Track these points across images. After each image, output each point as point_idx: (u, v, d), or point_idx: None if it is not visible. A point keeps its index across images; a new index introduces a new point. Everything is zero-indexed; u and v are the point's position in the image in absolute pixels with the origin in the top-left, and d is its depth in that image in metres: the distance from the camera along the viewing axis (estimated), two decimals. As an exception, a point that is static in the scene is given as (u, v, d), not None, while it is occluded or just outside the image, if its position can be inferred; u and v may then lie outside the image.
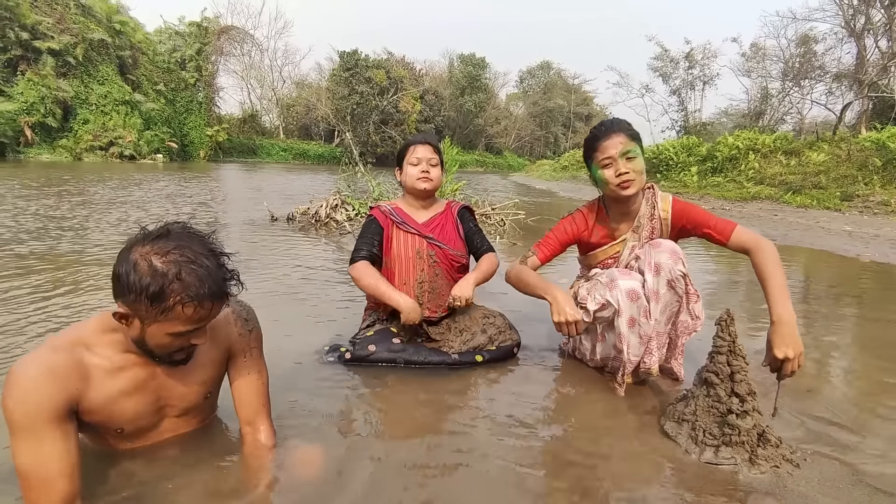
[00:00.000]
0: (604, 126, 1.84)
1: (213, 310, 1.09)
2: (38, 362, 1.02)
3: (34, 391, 0.99)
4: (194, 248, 1.06)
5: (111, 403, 1.12)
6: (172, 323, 1.05)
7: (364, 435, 1.49)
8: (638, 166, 1.78)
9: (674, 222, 1.88)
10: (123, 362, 1.14)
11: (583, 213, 2.01)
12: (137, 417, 1.20)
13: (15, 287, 2.81)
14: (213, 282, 1.06)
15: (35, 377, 1.00)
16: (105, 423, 1.15)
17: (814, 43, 21.51)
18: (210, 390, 1.32)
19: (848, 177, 10.52)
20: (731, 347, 1.40)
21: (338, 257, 4.24)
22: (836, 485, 1.29)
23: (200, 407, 1.33)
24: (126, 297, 1.03)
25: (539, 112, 54.02)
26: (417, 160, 2.10)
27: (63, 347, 1.07)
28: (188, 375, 1.24)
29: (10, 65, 20.27)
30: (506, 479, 1.29)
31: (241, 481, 1.24)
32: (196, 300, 1.03)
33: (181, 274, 1.02)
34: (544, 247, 1.99)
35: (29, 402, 0.98)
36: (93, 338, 1.12)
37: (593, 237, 1.97)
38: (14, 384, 0.99)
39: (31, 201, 6.56)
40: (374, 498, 1.19)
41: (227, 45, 34.13)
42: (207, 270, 1.05)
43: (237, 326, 1.31)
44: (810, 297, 3.54)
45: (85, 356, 1.09)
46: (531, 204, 10.33)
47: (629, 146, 1.77)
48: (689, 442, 1.43)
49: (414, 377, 1.89)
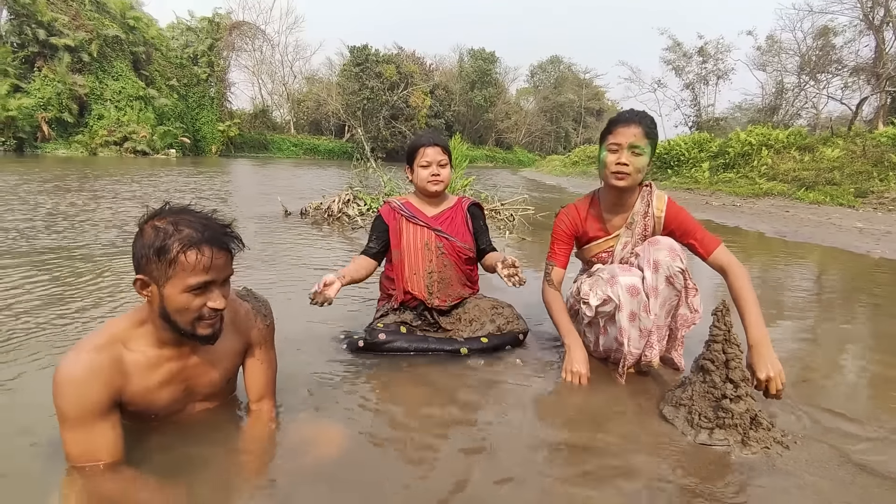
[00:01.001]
0: (626, 114, 1.89)
1: (215, 258, 1.16)
2: (83, 364, 1.12)
3: (82, 391, 1.10)
4: (192, 213, 1.20)
5: (148, 394, 1.24)
6: (180, 277, 1.13)
7: (376, 419, 1.59)
8: (639, 163, 1.84)
9: (666, 223, 1.96)
10: (158, 357, 1.25)
11: (574, 205, 2.09)
12: (170, 405, 1.32)
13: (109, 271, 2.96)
14: (210, 230, 1.16)
15: (82, 379, 1.11)
16: (143, 412, 1.27)
17: (833, 35, 21.10)
18: (230, 377, 1.46)
19: (863, 173, 10.41)
20: (726, 336, 1.48)
21: (350, 251, 4.35)
22: (823, 465, 1.37)
23: (222, 390, 1.46)
24: (140, 265, 1.15)
25: (549, 107, 53.75)
26: (427, 163, 2.18)
27: (104, 347, 1.17)
28: (214, 365, 1.36)
29: (28, 61, 20.66)
30: (511, 460, 1.38)
31: (245, 445, 1.37)
32: (195, 245, 1.12)
33: (179, 226, 1.14)
34: (556, 254, 2.08)
35: (78, 401, 1.10)
36: (127, 333, 1.22)
37: (588, 230, 2.05)
38: (63, 384, 1.10)
39: (64, 198, 6.77)
40: (385, 478, 1.29)
41: (239, 40, 34.39)
42: (203, 222, 1.17)
43: (257, 321, 1.46)
44: (815, 294, 3.59)
45: (123, 353, 1.20)
46: (541, 199, 10.38)
47: (640, 142, 1.83)
48: (685, 425, 1.51)
49: (425, 365, 1.98)
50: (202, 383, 1.36)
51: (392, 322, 2.14)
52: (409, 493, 1.22)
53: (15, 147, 19.31)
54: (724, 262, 1.84)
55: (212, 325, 1.22)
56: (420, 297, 2.20)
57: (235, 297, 1.44)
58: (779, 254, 5.16)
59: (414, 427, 1.53)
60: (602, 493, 1.24)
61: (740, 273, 1.79)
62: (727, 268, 1.82)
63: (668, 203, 1.96)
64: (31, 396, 1.57)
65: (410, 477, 1.28)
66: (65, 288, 2.77)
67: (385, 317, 2.21)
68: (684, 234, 1.93)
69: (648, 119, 1.88)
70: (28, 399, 1.57)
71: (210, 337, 1.24)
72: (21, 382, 1.67)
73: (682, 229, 1.93)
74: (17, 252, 3.54)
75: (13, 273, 3.00)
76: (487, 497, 1.22)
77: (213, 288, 1.18)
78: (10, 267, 3.13)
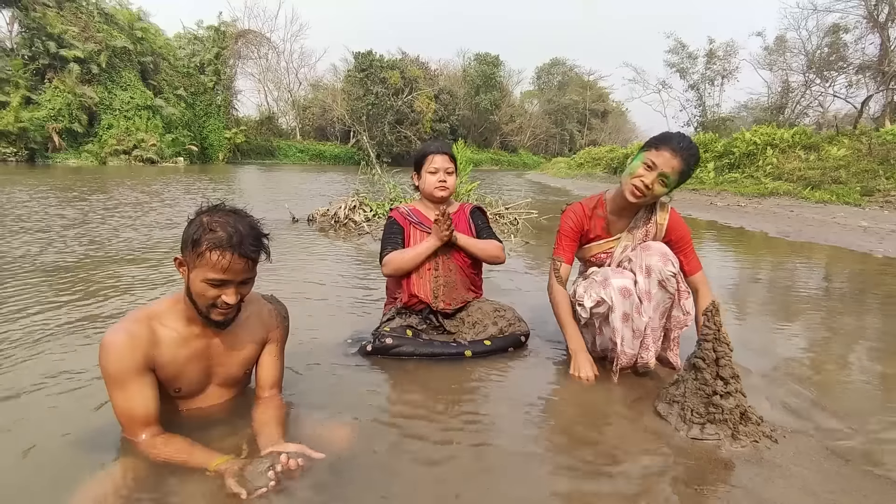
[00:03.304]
0: (677, 141, 1.86)
1: (234, 263, 1.30)
2: (122, 331, 1.32)
3: (119, 352, 1.29)
4: (236, 217, 1.35)
5: (176, 365, 1.41)
6: (203, 269, 1.30)
7: (384, 418, 1.67)
8: (659, 191, 1.90)
9: (668, 231, 2.04)
10: (188, 334, 1.42)
11: (581, 203, 2.15)
12: (193, 380, 1.48)
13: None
14: (238, 239, 1.30)
15: (120, 341, 1.30)
16: (170, 382, 1.42)
17: (843, 32, 20.95)
18: (248, 367, 1.60)
19: (869, 171, 10.39)
20: (716, 335, 1.55)
21: (357, 256, 4.44)
22: (810, 458, 1.43)
23: (238, 380, 1.60)
24: (182, 247, 1.34)
25: (554, 109, 53.85)
26: (435, 169, 2.28)
27: (141, 319, 1.37)
28: (235, 350, 1.52)
29: (39, 73, 21.05)
30: (513, 457, 1.45)
31: (259, 423, 1.46)
32: (219, 248, 1.28)
33: (215, 227, 1.30)
34: (563, 249, 2.14)
35: (116, 360, 1.29)
36: (163, 312, 1.41)
37: (592, 230, 2.11)
38: (105, 348, 1.30)
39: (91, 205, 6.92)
40: (392, 474, 1.37)
41: (245, 48, 34.84)
42: (237, 230, 1.30)
43: (276, 321, 1.62)
44: (816, 293, 3.63)
45: (158, 328, 1.38)
46: (545, 203, 10.44)
47: (673, 175, 1.86)
48: (678, 420, 1.58)
49: (430, 366, 2.06)
50: (223, 364, 1.52)
51: (398, 326, 2.23)
52: (416, 489, 1.29)
53: (27, 157, 19.66)
54: (699, 283, 2.04)
55: (224, 314, 1.38)
56: (426, 300, 2.28)
57: (262, 297, 1.63)
58: (781, 254, 5.20)
59: (419, 426, 1.60)
60: (599, 486, 1.31)
61: (708, 296, 2.02)
62: (700, 289, 2.04)
63: (672, 213, 2.04)
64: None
65: (416, 473, 1.36)
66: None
67: (391, 321, 2.29)
68: (679, 248, 2.02)
69: (694, 159, 1.88)
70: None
71: (221, 323, 1.40)
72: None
73: (678, 243, 2.03)
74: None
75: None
76: (490, 493, 1.29)
77: (229, 286, 1.33)
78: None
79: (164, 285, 3.19)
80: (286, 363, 1.68)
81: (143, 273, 3.48)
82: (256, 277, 1.43)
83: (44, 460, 1.36)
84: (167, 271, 3.54)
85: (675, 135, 1.91)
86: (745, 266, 4.64)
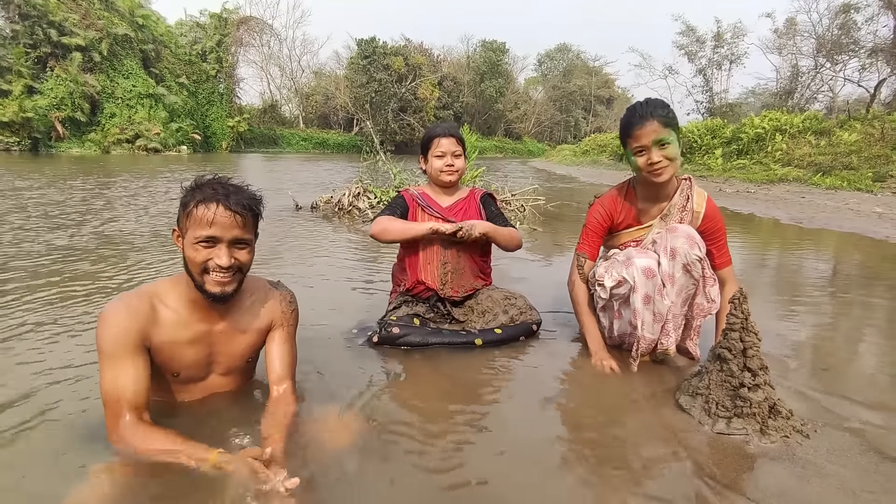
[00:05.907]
0: (638, 112, 1.80)
1: (220, 215, 1.27)
2: (120, 304, 1.30)
3: (115, 323, 1.27)
4: (223, 183, 1.34)
5: (175, 348, 1.36)
6: (193, 229, 1.28)
7: (391, 410, 1.60)
8: (672, 153, 1.78)
9: (704, 219, 1.93)
10: (189, 316, 1.38)
11: (611, 195, 2.04)
12: (192, 365, 1.42)
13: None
14: (224, 194, 1.29)
15: (116, 313, 1.28)
16: (166, 364, 1.38)
17: (854, 12, 20.42)
18: (251, 356, 1.53)
19: (881, 156, 10.20)
20: (743, 324, 1.46)
21: (361, 244, 4.36)
22: (845, 454, 1.35)
23: (241, 370, 1.53)
24: (178, 219, 1.34)
25: (559, 96, 53.22)
26: (442, 153, 2.19)
27: (142, 295, 1.35)
28: (238, 336, 1.46)
29: (40, 62, 20.91)
30: (526, 450, 1.38)
31: (267, 426, 1.37)
32: (206, 201, 1.28)
33: (203, 187, 1.32)
34: (588, 245, 2.04)
35: (111, 331, 1.26)
36: (165, 291, 1.38)
37: (622, 219, 2.01)
38: (104, 320, 1.28)
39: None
40: (401, 466, 1.30)
41: (247, 35, 34.40)
42: (224, 187, 1.31)
43: (282, 305, 1.53)
44: (833, 281, 3.53)
45: (157, 306, 1.35)
46: (551, 190, 10.30)
47: (662, 134, 1.76)
48: (702, 414, 1.50)
49: (439, 357, 1.99)
50: (225, 352, 1.46)
51: (405, 315, 2.15)
52: (424, 481, 1.23)
53: (30, 147, 19.61)
54: (727, 278, 1.96)
55: (219, 283, 1.31)
56: (433, 286, 2.20)
57: (268, 283, 1.57)
58: (795, 241, 5.08)
59: (428, 417, 1.53)
60: (619, 483, 1.24)
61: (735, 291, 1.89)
62: (728, 282, 1.96)
63: (709, 201, 1.94)
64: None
65: (425, 466, 1.29)
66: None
67: (398, 309, 2.21)
68: (712, 238, 1.92)
69: (659, 108, 1.79)
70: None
71: (219, 297, 1.32)
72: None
73: (711, 233, 1.93)
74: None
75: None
76: (502, 487, 1.22)
77: (220, 245, 1.30)
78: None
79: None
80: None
81: (152, 258, 3.42)
82: (256, 251, 1.39)
83: (43, 458, 1.29)
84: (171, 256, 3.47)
85: (629, 112, 1.85)
86: (760, 253, 4.52)
